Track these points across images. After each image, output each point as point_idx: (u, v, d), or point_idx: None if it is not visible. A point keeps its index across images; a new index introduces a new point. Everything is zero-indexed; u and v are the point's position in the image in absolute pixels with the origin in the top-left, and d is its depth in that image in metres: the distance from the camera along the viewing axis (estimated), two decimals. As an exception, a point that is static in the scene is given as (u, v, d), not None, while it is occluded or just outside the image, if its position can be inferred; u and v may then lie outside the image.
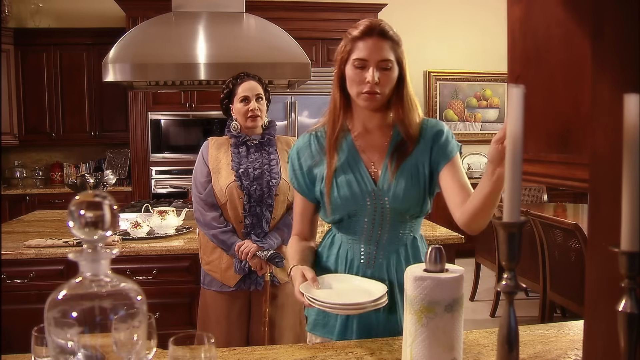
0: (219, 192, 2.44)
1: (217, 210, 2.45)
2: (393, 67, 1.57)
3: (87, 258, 0.84)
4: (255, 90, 2.45)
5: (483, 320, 4.51)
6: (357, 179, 1.60)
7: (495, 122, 7.21)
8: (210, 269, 2.50)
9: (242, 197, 2.42)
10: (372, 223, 1.62)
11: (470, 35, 7.00)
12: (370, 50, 1.53)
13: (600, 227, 0.90)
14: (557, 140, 0.94)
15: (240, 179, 2.41)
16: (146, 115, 5.81)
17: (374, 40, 1.54)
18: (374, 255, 1.62)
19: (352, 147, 1.64)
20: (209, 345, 0.96)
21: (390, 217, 1.61)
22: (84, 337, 0.84)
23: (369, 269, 1.62)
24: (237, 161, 2.45)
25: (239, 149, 2.47)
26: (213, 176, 2.47)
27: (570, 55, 0.91)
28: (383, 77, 1.54)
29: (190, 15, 3.69)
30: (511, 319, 0.88)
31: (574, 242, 3.45)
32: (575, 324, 1.61)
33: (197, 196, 2.49)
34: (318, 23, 5.92)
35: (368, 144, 1.65)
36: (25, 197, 5.87)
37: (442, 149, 1.62)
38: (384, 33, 1.56)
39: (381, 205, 1.60)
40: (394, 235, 1.63)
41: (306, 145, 1.69)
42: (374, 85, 1.53)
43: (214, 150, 2.51)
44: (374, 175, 1.62)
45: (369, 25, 1.55)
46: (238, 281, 2.46)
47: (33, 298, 2.71)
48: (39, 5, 6.16)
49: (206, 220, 2.44)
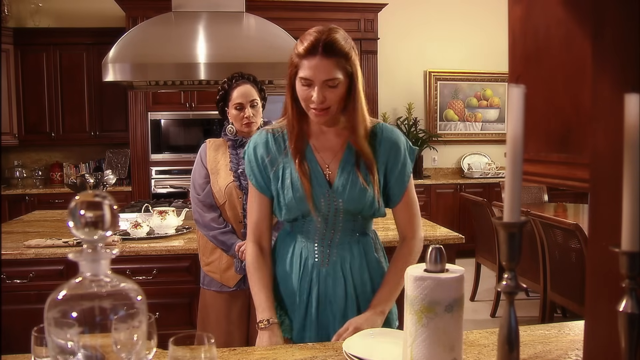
0: (217, 193, 2.45)
1: (215, 211, 2.46)
2: (340, 84, 1.53)
3: (87, 258, 0.84)
4: (250, 95, 2.43)
5: (483, 321, 4.51)
6: (312, 180, 1.62)
7: (495, 122, 7.22)
8: (210, 269, 2.50)
9: (241, 197, 2.41)
10: (325, 223, 1.64)
11: (471, 35, 7.00)
12: (313, 71, 1.50)
13: (600, 227, 0.90)
14: (557, 140, 0.94)
15: (239, 178, 2.41)
16: (146, 115, 5.81)
17: (317, 59, 1.49)
18: (327, 254, 1.65)
19: (308, 148, 1.65)
20: (209, 346, 0.96)
21: (343, 218, 1.64)
22: (83, 337, 0.83)
23: (323, 267, 1.65)
24: (235, 162, 2.45)
25: (237, 150, 2.47)
26: (212, 177, 2.47)
27: (571, 55, 0.90)
28: (330, 95, 1.52)
29: (190, 15, 3.69)
30: (512, 319, 0.88)
31: (575, 242, 3.45)
32: (575, 324, 1.61)
33: (195, 198, 2.50)
34: (318, 23, 5.80)
35: (322, 145, 1.66)
36: (25, 197, 5.87)
37: (399, 172, 1.66)
38: (330, 49, 1.49)
39: (335, 206, 1.62)
40: (347, 235, 1.67)
41: (263, 143, 1.68)
42: (320, 104, 1.52)
43: (212, 151, 2.52)
44: (328, 177, 1.63)
45: (313, 42, 1.49)
46: (238, 281, 2.46)
47: (33, 298, 2.71)
48: (39, 4, 6.16)
49: (205, 221, 2.44)
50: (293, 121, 1.62)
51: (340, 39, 1.52)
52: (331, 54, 1.50)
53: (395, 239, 2.88)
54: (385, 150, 1.64)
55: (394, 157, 1.65)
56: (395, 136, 1.67)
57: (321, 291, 1.65)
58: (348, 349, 1.37)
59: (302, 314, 1.66)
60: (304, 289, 1.66)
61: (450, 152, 7.18)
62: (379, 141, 1.65)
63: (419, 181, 6.51)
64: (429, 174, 6.96)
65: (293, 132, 1.63)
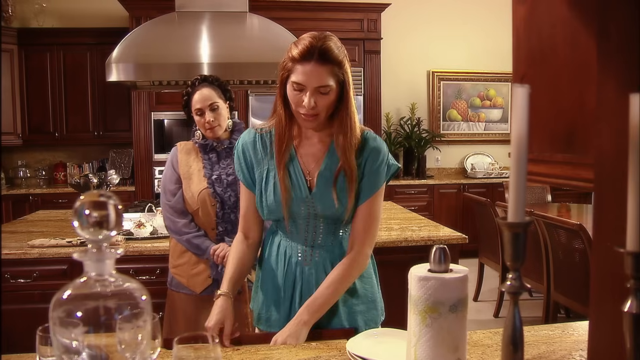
0: (190, 199, 2.40)
1: (187, 216, 2.41)
2: (332, 91, 1.55)
3: (92, 258, 0.84)
4: (208, 99, 2.35)
5: (486, 321, 4.51)
6: (294, 185, 1.64)
7: (499, 122, 7.21)
8: (177, 272, 2.46)
9: (214, 204, 2.37)
10: (306, 225, 1.67)
11: (474, 35, 6.99)
12: (307, 76, 1.51)
13: (605, 227, 0.89)
14: (562, 140, 0.94)
15: (213, 185, 2.37)
16: (149, 115, 5.82)
17: (312, 65, 1.51)
18: (310, 253, 1.68)
19: (292, 152, 1.67)
20: (213, 345, 0.96)
21: (324, 222, 1.66)
22: (88, 337, 0.84)
23: (307, 266, 1.68)
24: (209, 167, 2.40)
25: (209, 155, 2.42)
26: (184, 182, 2.42)
27: (575, 54, 0.90)
28: (321, 101, 1.54)
29: (194, 15, 3.69)
30: (516, 319, 0.88)
31: (578, 242, 3.44)
32: (579, 324, 1.61)
33: (165, 204, 2.44)
34: (322, 23, 5.92)
35: (306, 151, 1.68)
36: (29, 196, 5.88)
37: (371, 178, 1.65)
38: (324, 56, 1.51)
39: (314, 212, 1.65)
40: (330, 236, 1.68)
41: (252, 142, 1.71)
42: (310, 109, 1.54)
43: (184, 155, 2.46)
44: (309, 183, 1.66)
45: (308, 48, 1.51)
46: (208, 287, 2.39)
47: (36, 298, 2.72)
48: (43, 5, 6.17)
49: (177, 227, 2.40)
50: (283, 123, 1.63)
51: (334, 47, 1.54)
52: (325, 61, 1.51)
53: (397, 239, 2.88)
54: (365, 155, 1.65)
55: (370, 164, 1.65)
56: (378, 145, 1.68)
57: (304, 288, 1.68)
58: (352, 349, 1.37)
59: (287, 310, 1.69)
60: (288, 285, 1.70)
61: (454, 152, 7.17)
62: (362, 147, 1.66)
63: (422, 181, 6.51)
64: (432, 174, 6.96)
65: (282, 135, 1.64)
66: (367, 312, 1.72)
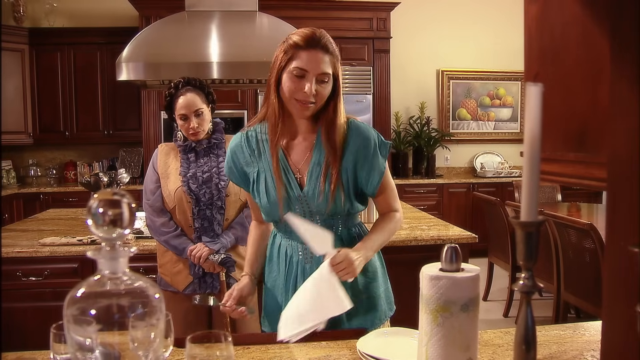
0: (167, 197, 2.43)
1: (165, 215, 2.44)
2: (329, 81, 1.60)
3: (106, 256, 0.85)
4: (193, 106, 2.37)
5: (496, 320, 4.50)
6: (285, 184, 1.66)
7: (508, 121, 7.18)
8: (162, 271, 2.50)
9: (190, 201, 2.40)
10: None
11: (484, 34, 6.97)
12: (311, 62, 1.56)
13: (618, 227, 0.89)
14: (574, 139, 0.93)
15: (187, 183, 2.39)
16: (159, 114, 5.85)
17: (316, 52, 1.57)
18: (310, 251, 1.67)
19: (280, 150, 1.68)
20: (225, 344, 0.96)
21: (320, 218, 1.68)
22: (101, 335, 0.84)
23: (308, 264, 1.69)
24: (185, 166, 2.43)
25: (187, 155, 2.45)
26: (162, 181, 2.45)
27: (588, 53, 0.90)
28: (319, 90, 1.58)
29: (203, 14, 3.70)
30: (528, 319, 0.88)
31: (589, 242, 3.42)
32: (590, 324, 1.60)
33: (145, 203, 2.49)
34: (331, 22, 5.92)
35: (292, 148, 1.70)
36: (40, 195, 5.92)
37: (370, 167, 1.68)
38: (327, 46, 1.59)
39: (309, 209, 1.67)
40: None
41: (239, 146, 1.75)
42: (309, 96, 1.56)
43: (163, 156, 2.50)
44: (299, 180, 1.67)
45: (313, 36, 1.57)
46: (190, 285, 2.43)
47: (47, 296, 2.73)
48: (53, 5, 6.21)
49: (156, 226, 2.43)
50: (276, 113, 1.65)
51: (332, 42, 1.62)
52: (327, 51, 1.59)
53: (407, 238, 2.88)
54: (355, 144, 1.66)
55: (363, 153, 1.66)
56: (364, 131, 1.69)
57: None
58: (362, 348, 1.37)
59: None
60: (290, 285, 1.71)
61: (463, 151, 7.15)
62: (349, 136, 1.67)
63: (432, 180, 6.49)
64: (441, 173, 6.94)
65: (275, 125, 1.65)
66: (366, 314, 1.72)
